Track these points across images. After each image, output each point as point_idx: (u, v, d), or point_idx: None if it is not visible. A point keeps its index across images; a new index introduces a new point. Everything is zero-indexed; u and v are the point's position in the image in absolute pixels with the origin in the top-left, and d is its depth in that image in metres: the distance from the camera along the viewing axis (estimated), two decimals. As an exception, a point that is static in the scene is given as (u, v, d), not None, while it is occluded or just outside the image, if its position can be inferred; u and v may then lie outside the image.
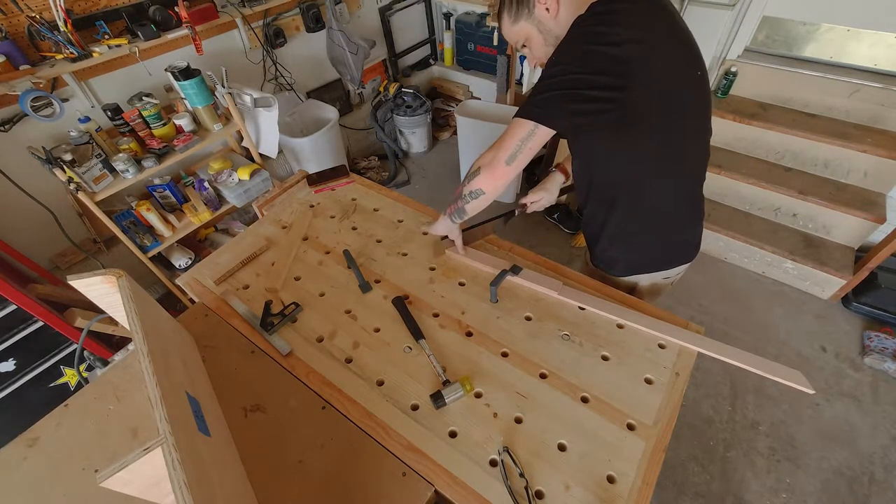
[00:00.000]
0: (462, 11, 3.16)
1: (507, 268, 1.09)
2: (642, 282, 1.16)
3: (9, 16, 1.57)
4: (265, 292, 1.11)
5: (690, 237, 1.10)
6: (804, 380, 0.87)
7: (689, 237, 1.10)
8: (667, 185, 0.97)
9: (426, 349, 0.95)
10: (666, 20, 0.82)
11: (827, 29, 2.12)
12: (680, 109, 0.87)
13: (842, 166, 2.16)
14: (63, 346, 1.69)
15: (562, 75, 0.80)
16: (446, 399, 0.86)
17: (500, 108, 2.62)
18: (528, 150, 0.86)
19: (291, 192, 1.42)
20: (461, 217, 1.06)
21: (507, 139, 0.88)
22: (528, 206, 1.26)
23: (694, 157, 0.97)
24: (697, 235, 1.11)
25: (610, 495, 0.75)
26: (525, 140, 0.85)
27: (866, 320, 2.11)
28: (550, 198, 1.26)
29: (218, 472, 0.63)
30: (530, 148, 0.86)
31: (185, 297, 2.20)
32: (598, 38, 0.77)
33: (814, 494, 1.59)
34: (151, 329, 0.69)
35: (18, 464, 0.81)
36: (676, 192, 1.00)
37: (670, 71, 0.81)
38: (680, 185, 0.99)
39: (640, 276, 1.15)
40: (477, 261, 1.15)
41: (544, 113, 0.82)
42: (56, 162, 1.57)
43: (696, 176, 1.01)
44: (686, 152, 0.95)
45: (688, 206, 1.04)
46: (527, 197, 1.25)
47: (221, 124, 2.02)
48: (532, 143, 0.85)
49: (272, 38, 2.30)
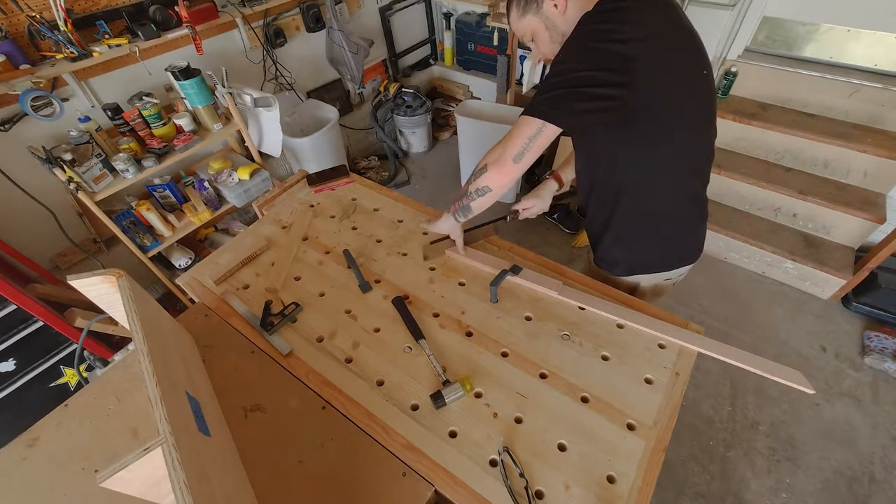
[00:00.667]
0: (462, 11, 3.16)
1: (507, 268, 1.09)
2: (644, 282, 1.16)
3: (9, 15, 1.57)
4: (265, 292, 1.11)
5: (694, 238, 1.10)
6: (804, 380, 0.87)
7: (693, 238, 1.10)
8: (670, 186, 0.97)
9: (426, 349, 0.95)
10: (672, 18, 0.82)
11: (827, 29, 2.12)
12: (685, 109, 0.87)
13: (842, 166, 2.16)
14: (63, 346, 1.69)
15: (568, 73, 0.80)
16: (446, 399, 0.86)
17: (500, 108, 2.62)
18: (535, 148, 0.87)
19: (291, 192, 1.42)
20: (466, 215, 1.05)
21: (514, 137, 0.88)
22: (519, 212, 1.25)
23: (698, 158, 0.97)
24: (701, 236, 1.11)
25: (610, 495, 0.75)
26: (532, 138, 0.86)
27: (866, 320, 2.11)
28: (543, 205, 1.25)
29: (218, 472, 0.63)
30: (538, 146, 0.86)
31: (185, 297, 2.20)
32: (603, 36, 0.77)
33: (814, 494, 1.59)
34: (151, 329, 0.69)
35: (18, 464, 0.81)
36: (680, 193, 1.00)
37: (676, 70, 0.81)
38: (684, 186, 0.99)
39: (641, 277, 1.14)
40: (477, 261, 1.15)
41: (551, 111, 0.82)
42: (56, 162, 1.57)
43: (700, 177, 1.01)
44: (691, 152, 0.94)
45: (691, 207, 1.04)
46: (519, 203, 1.25)
47: (221, 124, 2.02)
48: (539, 142, 0.86)
49: (272, 38, 2.30)
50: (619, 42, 0.75)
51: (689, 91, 0.86)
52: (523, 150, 0.88)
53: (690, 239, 1.10)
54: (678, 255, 1.11)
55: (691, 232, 1.09)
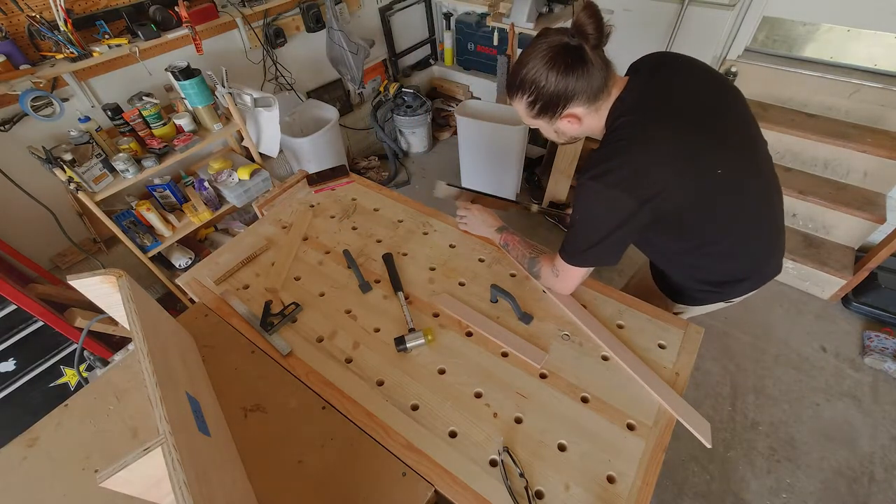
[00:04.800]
0: (462, 11, 3.16)
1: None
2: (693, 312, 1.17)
3: (9, 15, 1.57)
4: (265, 292, 1.11)
5: (760, 273, 1.02)
6: (707, 433, 0.84)
7: (759, 273, 1.02)
8: (725, 246, 0.93)
9: (400, 299, 1.05)
10: (690, 87, 0.83)
11: (827, 29, 2.12)
12: (720, 176, 0.82)
13: (842, 166, 2.16)
14: (63, 346, 1.69)
15: (603, 230, 0.84)
16: (407, 344, 0.96)
17: (500, 108, 2.61)
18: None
19: (291, 192, 1.42)
20: (505, 248, 1.15)
21: (568, 280, 0.98)
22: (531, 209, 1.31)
23: (760, 201, 0.92)
24: (774, 263, 1.03)
25: (610, 495, 0.75)
26: (585, 275, 0.98)
27: (866, 320, 2.11)
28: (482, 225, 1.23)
29: (218, 472, 0.63)
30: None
31: (185, 297, 2.20)
32: (615, 206, 0.80)
33: (814, 494, 1.59)
34: (151, 329, 0.69)
35: (18, 464, 0.81)
36: (753, 242, 0.95)
37: (703, 160, 0.80)
38: (758, 231, 0.94)
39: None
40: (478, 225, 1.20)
41: (598, 259, 0.91)
42: (56, 162, 1.57)
43: (770, 207, 0.94)
44: (747, 204, 0.89)
45: (757, 251, 0.98)
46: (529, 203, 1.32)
47: (221, 124, 2.02)
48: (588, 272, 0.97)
49: (272, 38, 2.30)
50: (634, 200, 0.78)
51: (720, 158, 0.81)
52: (577, 283, 1.00)
53: (766, 269, 1.02)
54: (751, 285, 1.04)
55: (766, 263, 1.02)
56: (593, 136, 0.92)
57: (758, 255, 0.98)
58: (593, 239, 0.85)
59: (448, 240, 1.23)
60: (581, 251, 0.90)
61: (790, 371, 1.94)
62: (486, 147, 2.58)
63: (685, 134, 0.79)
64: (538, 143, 3.10)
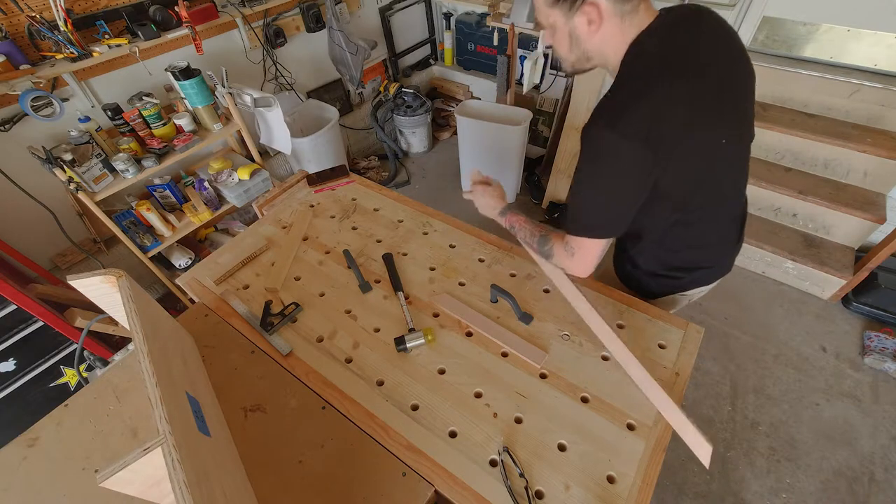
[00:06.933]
0: (462, 11, 3.16)
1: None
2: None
3: (9, 15, 1.57)
4: (265, 292, 1.11)
5: (720, 264, 1.05)
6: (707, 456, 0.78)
7: (719, 264, 1.05)
8: (698, 227, 0.92)
9: (401, 300, 1.05)
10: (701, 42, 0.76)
11: (827, 29, 2.12)
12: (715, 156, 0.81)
13: (842, 166, 2.16)
14: (63, 346, 1.69)
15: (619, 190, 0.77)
16: (407, 344, 0.96)
17: (500, 108, 2.61)
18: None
19: (291, 192, 1.42)
20: (512, 230, 1.03)
21: (585, 257, 0.86)
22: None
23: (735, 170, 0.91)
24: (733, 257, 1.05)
25: (610, 495, 0.75)
26: (604, 250, 0.85)
27: (866, 320, 2.11)
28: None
29: (218, 472, 0.63)
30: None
31: (185, 297, 2.20)
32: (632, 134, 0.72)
33: (814, 494, 1.59)
34: (151, 329, 0.69)
35: (18, 464, 0.81)
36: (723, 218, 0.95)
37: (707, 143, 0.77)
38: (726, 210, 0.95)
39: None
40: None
41: (614, 227, 0.82)
42: (56, 162, 1.57)
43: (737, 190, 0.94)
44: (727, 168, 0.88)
45: (724, 238, 1.00)
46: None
47: (221, 124, 2.02)
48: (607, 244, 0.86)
49: (272, 38, 2.30)
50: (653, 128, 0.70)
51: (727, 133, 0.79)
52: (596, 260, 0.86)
53: (718, 264, 1.04)
54: (710, 276, 1.06)
55: (720, 259, 1.04)
56: (606, 67, 0.82)
57: (724, 243, 1.00)
58: (608, 202, 0.77)
59: (448, 240, 1.24)
60: (595, 219, 0.80)
61: (790, 371, 1.94)
62: (487, 147, 2.58)
63: (705, 96, 0.74)
64: (538, 144, 3.10)
